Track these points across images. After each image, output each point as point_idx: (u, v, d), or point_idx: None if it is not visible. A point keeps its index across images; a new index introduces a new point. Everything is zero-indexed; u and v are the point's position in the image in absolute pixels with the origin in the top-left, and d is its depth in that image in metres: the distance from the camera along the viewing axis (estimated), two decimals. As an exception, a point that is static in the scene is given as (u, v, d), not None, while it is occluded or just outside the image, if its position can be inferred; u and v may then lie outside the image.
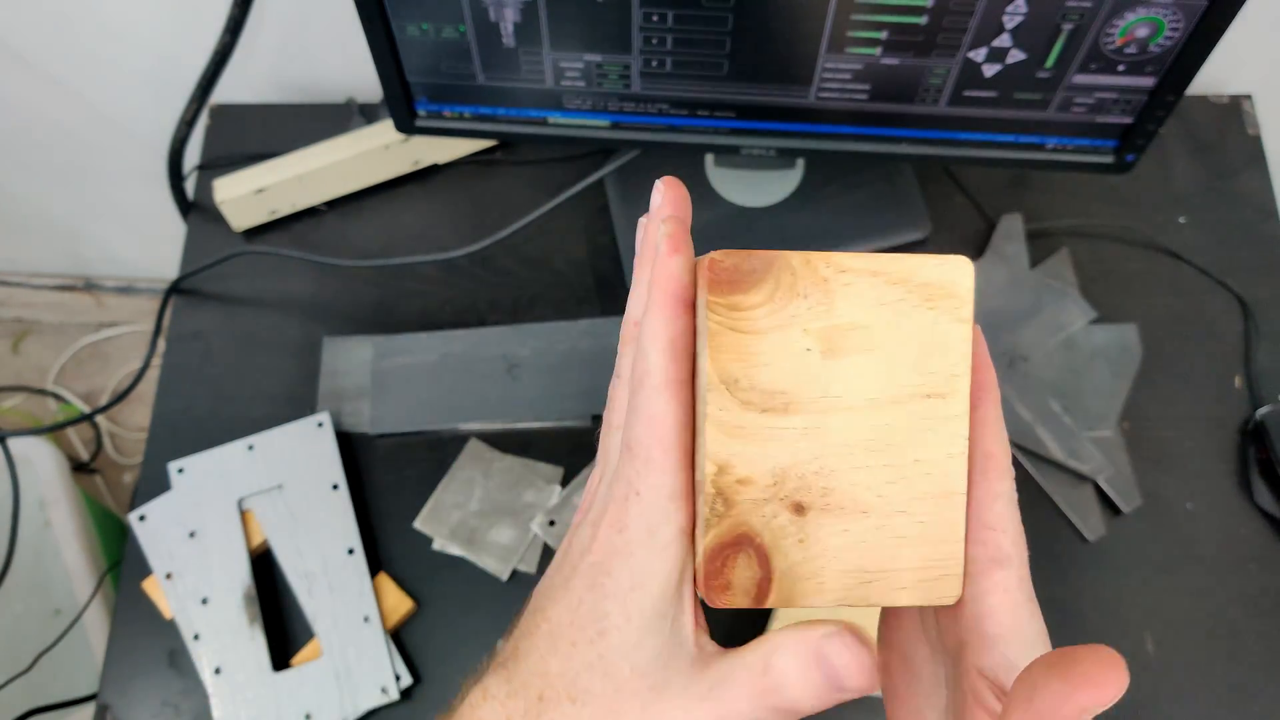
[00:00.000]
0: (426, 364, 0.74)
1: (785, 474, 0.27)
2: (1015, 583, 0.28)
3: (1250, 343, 0.74)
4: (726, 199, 0.79)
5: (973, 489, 0.28)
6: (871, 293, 0.27)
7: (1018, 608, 0.27)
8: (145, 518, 0.68)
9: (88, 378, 1.46)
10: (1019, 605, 0.27)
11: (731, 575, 0.27)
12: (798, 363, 0.27)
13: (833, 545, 0.28)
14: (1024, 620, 0.27)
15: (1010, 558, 0.28)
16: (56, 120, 1.01)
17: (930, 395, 0.27)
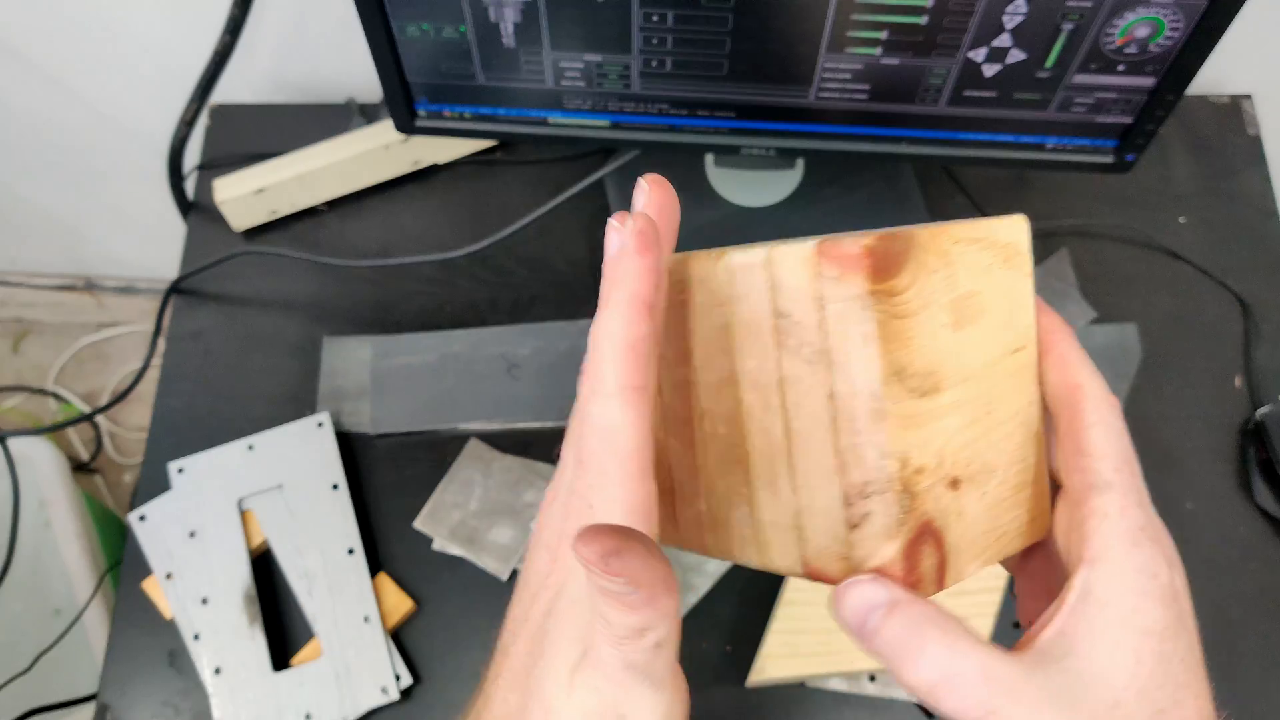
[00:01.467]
0: (426, 364, 0.74)
1: (943, 453, 0.27)
2: (1116, 508, 0.27)
3: (1250, 343, 0.74)
4: (726, 199, 0.79)
5: (1065, 423, 0.29)
6: (977, 259, 0.28)
7: (1115, 534, 0.27)
8: (145, 518, 0.68)
9: (88, 378, 1.46)
10: (1116, 531, 0.27)
11: (921, 568, 0.27)
12: (938, 339, 0.27)
13: (976, 511, 0.28)
14: (1122, 546, 0.27)
15: (1110, 483, 0.27)
16: (56, 120, 1.01)
17: (1016, 349, 0.29)
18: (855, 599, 0.26)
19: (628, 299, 0.26)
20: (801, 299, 0.26)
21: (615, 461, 0.26)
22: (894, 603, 0.25)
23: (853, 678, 0.63)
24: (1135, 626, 0.26)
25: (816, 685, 0.64)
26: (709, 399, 0.30)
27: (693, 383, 0.30)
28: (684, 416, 0.31)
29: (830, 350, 0.26)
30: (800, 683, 0.64)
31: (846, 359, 0.26)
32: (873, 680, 0.63)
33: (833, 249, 0.25)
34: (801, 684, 0.64)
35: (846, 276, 0.25)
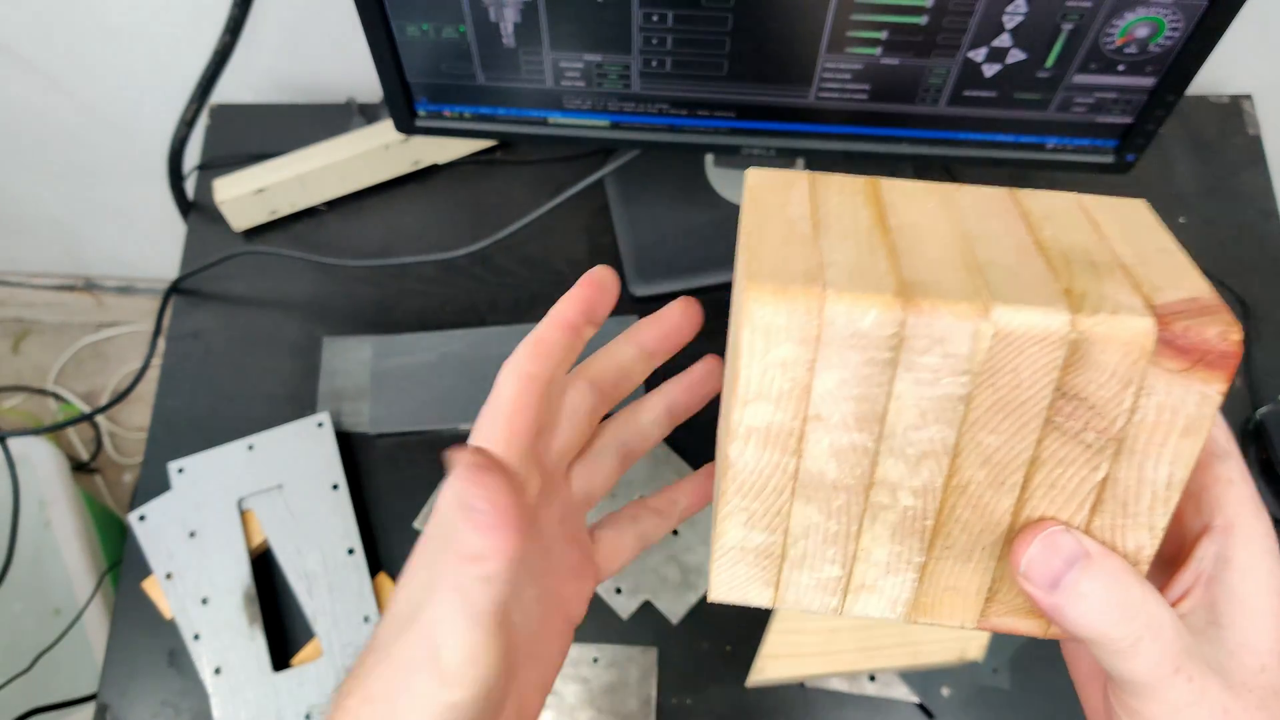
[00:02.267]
0: (426, 364, 0.74)
1: None
2: (1239, 474, 0.27)
3: (1250, 343, 0.74)
4: (726, 199, 0.79)
5: None
6: None
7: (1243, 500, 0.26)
8: (145, 518, 0.68)
9: (88, 378, 1.46)
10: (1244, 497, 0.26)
11: None
12: None
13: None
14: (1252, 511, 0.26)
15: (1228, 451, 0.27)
16: (56, 120, 1.01)
17: None
18: (1050, 551, 0.25)
19: (556, 309, 0.34)
20: (1112, 383, 0.23)
21: (489, 421, 0.31)
22: (1090, 555, 0.25)
23: (853, 678, 0.63)
24: (1273, 590, 0.26)
25: (816, 685, 0.64)
26: (898, 470, 0.26)
27: (871, 451, 0.26)
28: (836, 483, 0.27)
29: (1130, 439, 0.24)
30: (800, 683, 0.64)
31: (1152, 449, 0.24)
32: (873, 680, 0.63)
33: (1183, 339, 0.22)
34: (801, 684, 0.64)
35: (1197, 372, 0.22)
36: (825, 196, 0.27)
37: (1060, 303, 0.22)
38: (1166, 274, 0.23)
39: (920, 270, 0.23)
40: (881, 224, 0.25)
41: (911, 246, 0.24)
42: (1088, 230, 0.25)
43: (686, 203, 0.79)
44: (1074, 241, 0.24)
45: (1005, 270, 0.23)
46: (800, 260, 0.24)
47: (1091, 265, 0.23)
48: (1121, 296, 0.22)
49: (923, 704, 0.63)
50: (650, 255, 0.77)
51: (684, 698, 0.64)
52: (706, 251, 0.77)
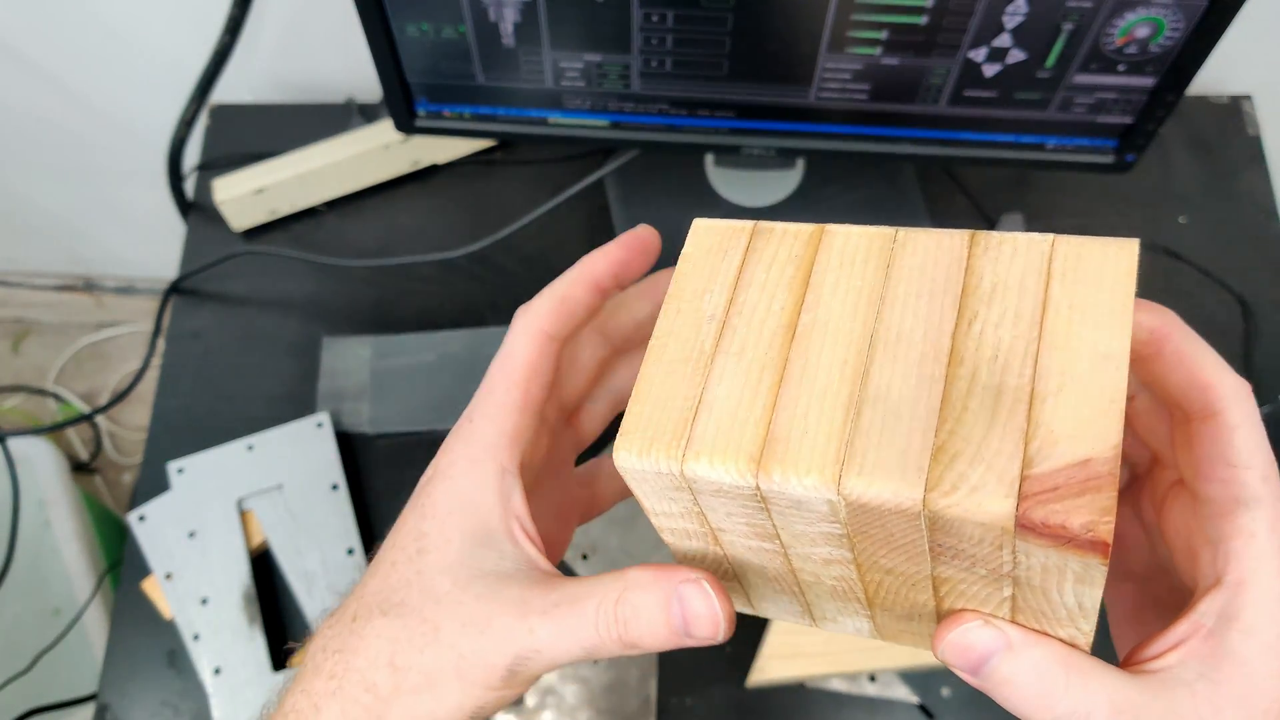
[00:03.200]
0: (426, 364, 0.74)
1: None
2: (1265, 527, 0.24)
3: (1250, 343, 0.74)
4: (726, 199, 0.79)
5: (1202, 427, 0.25)
6: None
7: (1264, 556, 0.24)
8: (145, 518, 0.68)
9: (88, 378, 1.46)
10: (1265, 553, 0.24)
11: None
12: None
13: None
14: (1272, 570, 0.24)
15: (1259, 498, 0.24)
16: (56, 120, 1.01)
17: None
18: (969, 642, 0.24)
19: (587, 265, 0.31)
20: (983, 546, 0.22)
21: (503, 386, 0.29)
22: (1012, 644, 0.24)
23: (853, 678, 0.63)
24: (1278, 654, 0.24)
25: (816, 685, 0.64)
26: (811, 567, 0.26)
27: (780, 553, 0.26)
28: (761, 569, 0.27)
29: (1024, 579, 0.22)
30: (800, 683, 0.64)
31: (1051, 585, 0.22)
32: (873, 680, 0.63)
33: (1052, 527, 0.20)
34: (801, 684, 0.64)
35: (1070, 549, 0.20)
36: (753, 270, 0.26)
37: (918, 476, 0.21)
38: (1079, 411, 0.21)
39: (794, 415, 0.23)
40: (790, 327, 0.24)
41: (803, 369, 0.23)
42: (1029, 320, 0.22)
43: (686, 203, 0.79)
44: (998, 344, 0.22)
45: (887, 412, 0.22)
46: (680, 399, 0.24)
47: (995, 396, 0.21)
48: (992, 466, 0.21)
49: (923, 704, 0.63)
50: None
51: (684, 698, 0.64)
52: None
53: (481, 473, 0.29)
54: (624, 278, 0.32)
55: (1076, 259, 0.23)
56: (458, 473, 0.29)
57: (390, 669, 0.27)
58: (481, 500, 0.28)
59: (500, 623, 0.27)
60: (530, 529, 0.29)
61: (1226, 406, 0.25)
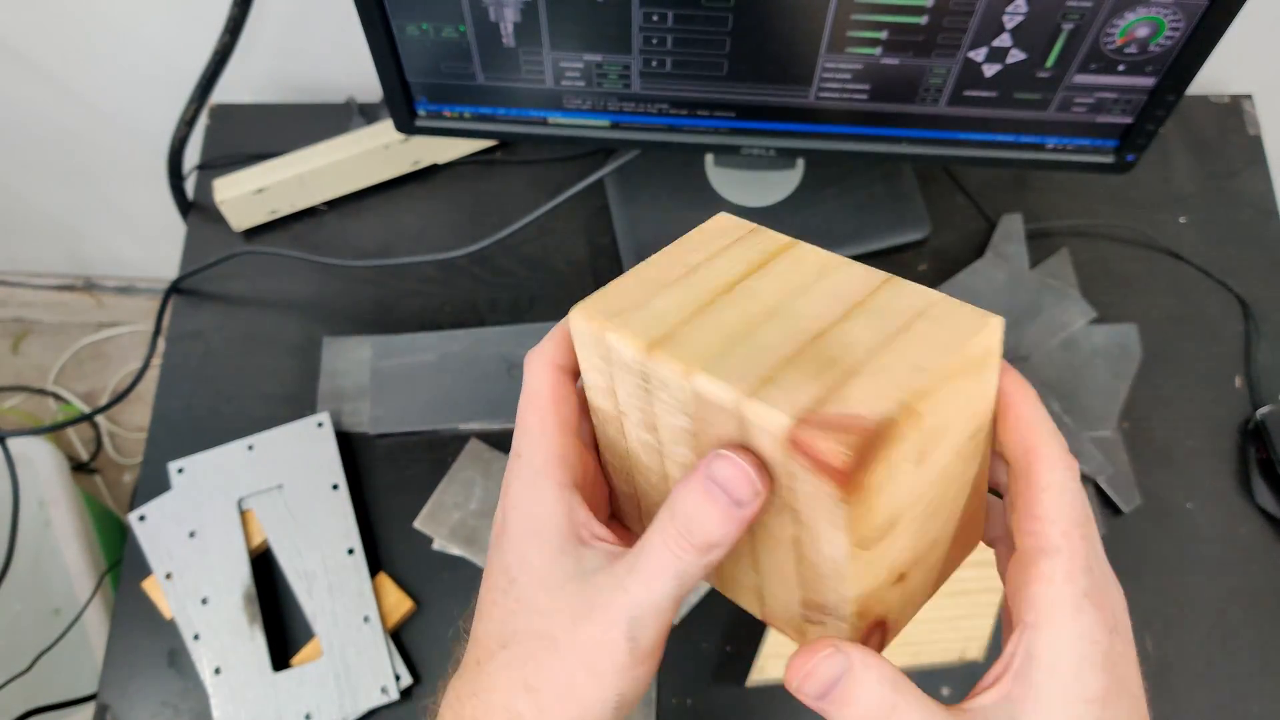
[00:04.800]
0: (426, 364, 0.74)
1: (894, 564, 0.28)
2: (1061, 574, 0.27)
3: (1250, 343, 0.74)
4: (726, 199, 0.79)
5: (1019, 485, 0.29)
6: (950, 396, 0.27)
7: (1058, 600, 0.27)
8: (145, 518, 0.68)
9: (88, 378, 1.46)
10: (1060, 598, 0.27)
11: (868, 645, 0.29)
12: (901, 486, 0.26)
13: (918, 578, 0.30)
14: (1064, 612, 0.27)
15: (1058, 548, 0.27)
16: (56, 120, 1.01)
17: (973, 435, 0.29)
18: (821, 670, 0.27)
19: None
20: (774, 458, 0.26)
21: (537, 418, 0.31)
22: (852, 669, 0.27)
23: (853, 678, 0.63)
24: (1075, 694, 0.26)
25: (816, 685, 0.63)
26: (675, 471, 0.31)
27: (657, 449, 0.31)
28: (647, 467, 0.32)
29: (799, 512, 0.27)
30: (800, 683, 0.64)
31: (814, 528, 0.27)
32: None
33: (807, 444, 0.24)
34: (801, 684, 0.64)
35: (819, 476, 0.25)
36: (736, 251, 0.32)
37: (745, 384, 0.26)
38: (875, 391, 0.25)
39: (696, 333, 0.28)
40: (730, 287, 0.30)
41: (719, 314, 0.29)
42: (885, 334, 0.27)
43: (686, 203, 0.79)
44: (854, 338, 0.27)
45: (753, 350, 0.27)
46: (636, 298, 0.30)
47: (827, 363, 0.26)
48: (799, 394, 0.25)
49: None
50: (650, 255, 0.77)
51: (684, 698, 0.64)
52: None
53: (539, 495, 0.30)
54: None
55: (947, 313, 0.28)
56: (520, 503, 0.31)
57: (527, 692, 0.28)
58: (547, 519, 0.30)
59: (600, 601, 0.28)
60: (601, 532, 0.31)
61: (1043, 469, 0.28)
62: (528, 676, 0.28)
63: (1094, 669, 0.26)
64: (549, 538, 0.30)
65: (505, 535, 0.31)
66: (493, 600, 0.30)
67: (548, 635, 0.29)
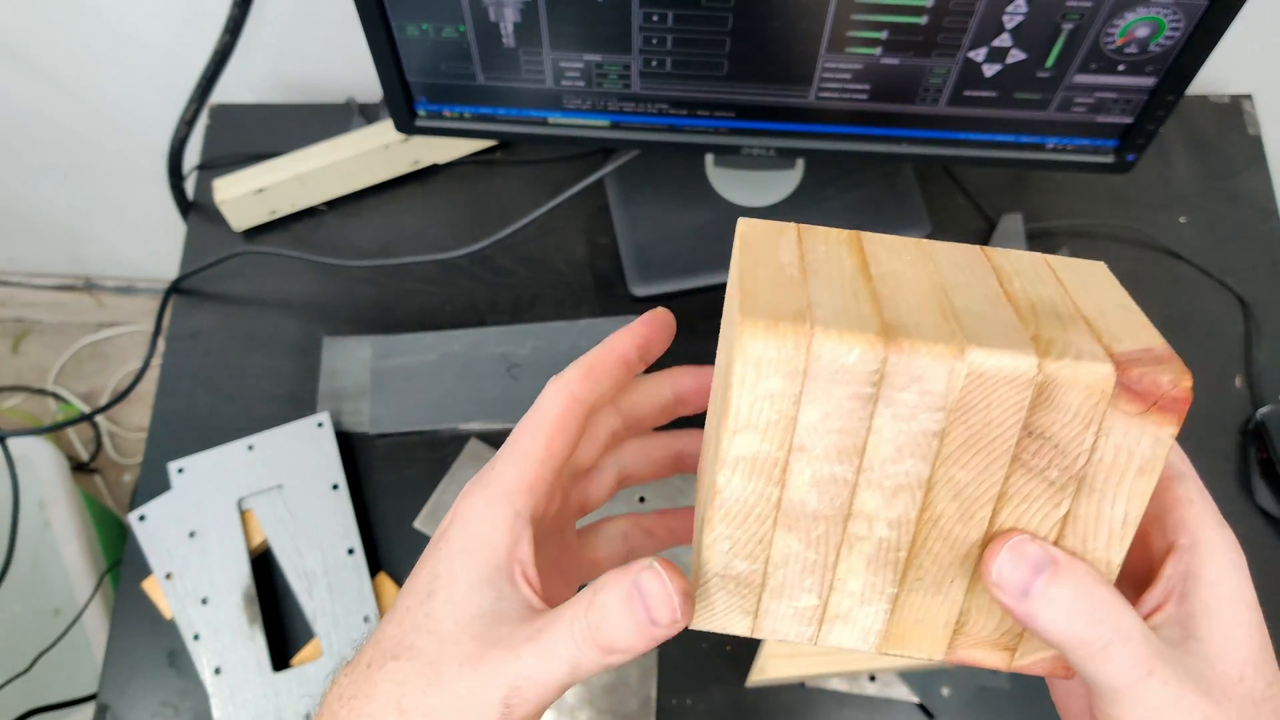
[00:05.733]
0: (426, 364, 0.74)
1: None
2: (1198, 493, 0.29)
3: (1250, 343, 0.74)
4: (726, 199, 0.79)
5: None
6: None
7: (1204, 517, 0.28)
8: (145, 518, 0.68)
9: (88, 378, 1.46)
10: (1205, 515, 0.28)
11: None
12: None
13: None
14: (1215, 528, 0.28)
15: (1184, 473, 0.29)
16: (56, 120, 1.01)
17: None
18: (1019, 558, 0.26)
19: (615, 341, 0.33)
20: (1074, 423, 0.25)
21: (529, 438, 0.31)
22: (1058, 562, 0.26)
23: (853, 678, 0.63)
24: (1243, 602, 0.27)
25: (816, 685, 0.64)
26: (874, 502, 0.27)
27: (850, 483, 0.27)
28: (816, 513, 0.28)
29: (1090, 477, 0.26)
30: (800, 683, 0.64)
31: (1110, 488, 0.26)
32: (873, 680, 0.63)
33: (1139, 384, 0.24)
34: (801, 684, 0.64)
35: (1151, 415, 0.25)
36: (812, 245, 0.28)
37: (1028, 348, 0.24)
38: (1125, 327, 0.25)
39: (901, 314, 0.25)
40: (865, 271, 0.27)
41: (892, 293, 0.26)
42: (1054, 285, 0.27)
43: (686, 203, 0.79)
44: (1041, 295, 0.26)
45: (978, 317, 0.25)
46: (790, 301, 0.25)
47: (1057, 316, 0.26)
48: (1084, 345, 0.24)
49: (923, 704, 0.63)
50: (650, 255, 0.77)
51: (684, 698, 0.64)
52: (706, 251, 0.77)
53: (495, 514, 0.30)
54: (647, 353, 0.34)
55: (1063, 261, 0.28)
56: (474, 513, 0.30)
57: (398, 712, 0.28)
58: (491, 539, 0.29)
59: (491, 656, 0.27)
60: (532, 575, 0.30)
61: None
62: (403, 698, 0.28)
63: (1247, 577, 0.27)
64: (483, 562, 0.29)
65: (445, 541, 0.30)
66: (406, 605, 0.29)
67: (435, 666, 0.28)
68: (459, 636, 0.28)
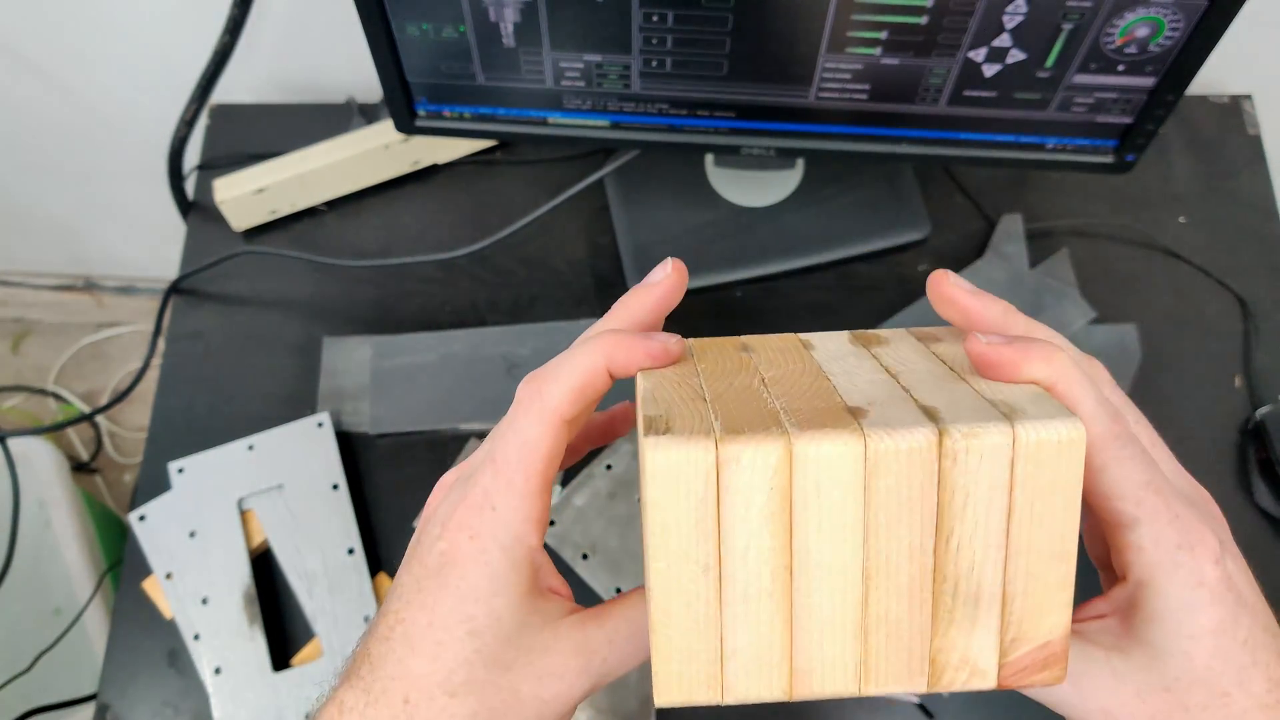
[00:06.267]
0: (426, 364, 0.74)
1: None
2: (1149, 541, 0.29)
3: (1250, 343, 0.74)
4: (726, 199, 0.79)
5: None
6: None
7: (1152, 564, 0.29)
8: (145, 518, 0.68)
9: (88, 378, 1.46)
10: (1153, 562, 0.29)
11: None
12: None
13: None
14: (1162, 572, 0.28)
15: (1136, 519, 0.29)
16: (56, 120, 1.01)
17: None
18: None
19: (606, 345, 0.30)
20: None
21: (523, 475, 0.29)
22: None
23: (853, 678, 0.63)
24: (1186, 634, 0.28)
25: (816, 685, 0.63)
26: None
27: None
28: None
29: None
30: (800, 683, 0.64)
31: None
32: (873, 680, 0.63)
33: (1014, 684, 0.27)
34: (801, 684, 0.64)
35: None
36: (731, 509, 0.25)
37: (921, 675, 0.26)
38: (1040, 609, 0.26)
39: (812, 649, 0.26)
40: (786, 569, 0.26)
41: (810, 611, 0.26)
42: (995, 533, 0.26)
43: (686, 203, 0.79)
44: (972, 557, 0.26)
45: (892, 626, 0.26)
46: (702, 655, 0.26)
47: (974, 603, 0.26)
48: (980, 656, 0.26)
49: (923, 704, 0.63)
50: (650, 255, 0.77)
51: (684, 698, 0.64)
52: (706, 251, 0.77)
53: (517, 558, 0.30)
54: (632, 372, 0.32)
55: (1035, 460, 0.25)
56: (493, 560, 0.29)
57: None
58: (520, 580, 0.30)
59: (573, 665, 0.30)
60: (558, 584, 0.31)
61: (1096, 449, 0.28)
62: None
63: (1203, 608, 0.28)
64: (517, 598, 0.29)
65: (469, 584, 0.29)
66: (438, 641, 0.29)
67: (511, 690, 0.29)
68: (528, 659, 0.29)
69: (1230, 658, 0.28)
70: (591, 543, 0.67)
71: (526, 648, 0.29)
